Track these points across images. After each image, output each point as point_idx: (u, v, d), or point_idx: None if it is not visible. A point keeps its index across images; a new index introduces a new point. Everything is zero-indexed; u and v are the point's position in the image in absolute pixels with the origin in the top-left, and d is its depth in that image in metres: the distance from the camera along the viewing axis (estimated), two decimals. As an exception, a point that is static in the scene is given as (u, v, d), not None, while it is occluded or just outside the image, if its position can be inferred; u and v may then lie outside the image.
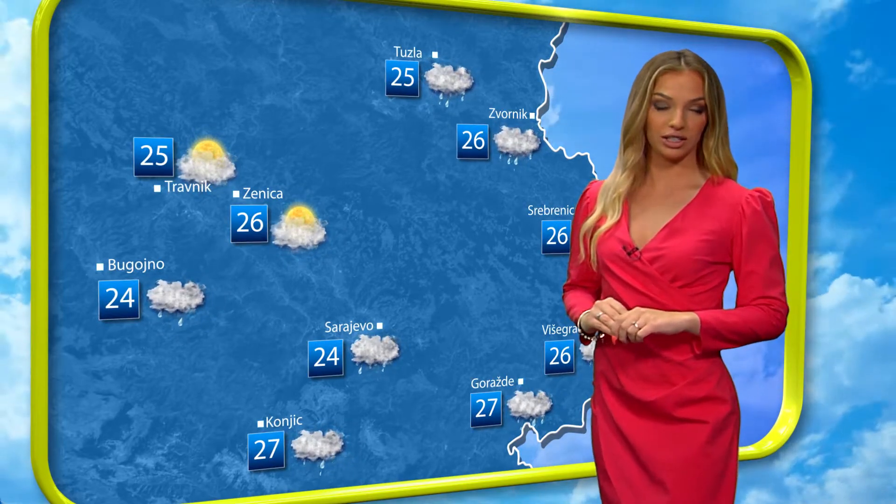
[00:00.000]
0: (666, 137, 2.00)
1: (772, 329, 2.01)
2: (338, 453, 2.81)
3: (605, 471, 2.10)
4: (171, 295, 2.60)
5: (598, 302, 2.03)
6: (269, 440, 2.72)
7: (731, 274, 2.07)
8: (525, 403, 3.02)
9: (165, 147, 2.58)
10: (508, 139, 2.96)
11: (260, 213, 2.68)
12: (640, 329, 1.93)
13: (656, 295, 2.00)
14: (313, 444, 2.77)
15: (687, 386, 2.00)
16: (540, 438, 3.05)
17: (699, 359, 2.01)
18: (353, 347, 2.81)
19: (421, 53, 2.85)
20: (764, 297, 2.00)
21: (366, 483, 2.84)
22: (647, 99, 2.00)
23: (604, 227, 2.08)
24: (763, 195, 2.02)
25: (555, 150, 3.03)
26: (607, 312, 1.99)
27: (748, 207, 1.99)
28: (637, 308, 1.97)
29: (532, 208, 3.00)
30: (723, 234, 2.00)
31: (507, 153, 2.97)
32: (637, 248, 2.02)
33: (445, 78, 2.88)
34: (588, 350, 3.07)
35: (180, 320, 2.62)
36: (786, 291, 2.03)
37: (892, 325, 3.53)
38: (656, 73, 2.00)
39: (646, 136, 2.04)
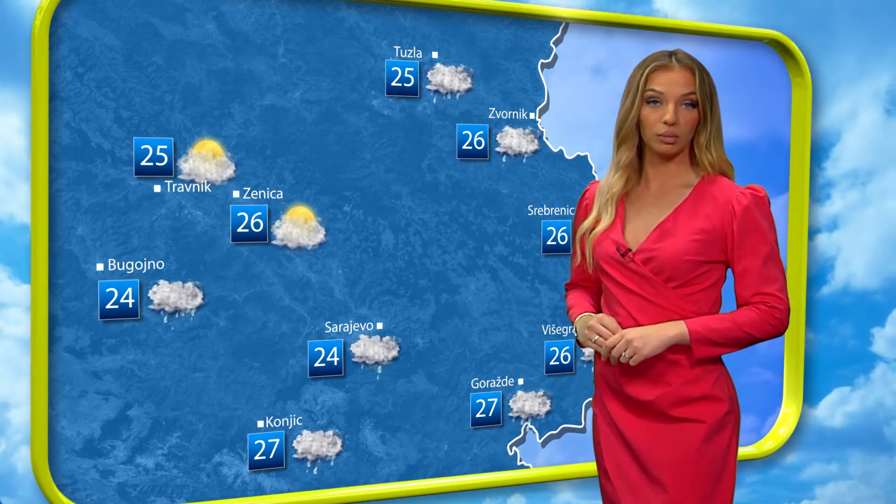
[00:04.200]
0: (660, 134, 2.00)
1: (770, 329, 2.00)
2: (338, 453, 2.81)
3: (605, 469, 2.11)
4: (171, 295, 2.60)
5: (590, 324, 2.04)
6: (269, 440, 2.72)
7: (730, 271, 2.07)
8: (525, 403, 3.02)
9: (165, 147, 2.58)
10: (509, 139, 2.96)
11: (260, 213, 2.68)
12: (630, 359, 1.96)
13: (651, 296, 2.00)
14: (313, 443, 2.77)
15: (683, 385, 2.00)
16: (540, 438, 3.05)
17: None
18: (353, 347, 2.81)
19: (421, 53, 2.85)
20: (759, 294, 1.99)
21: (366, 483, 2.84)
22: (639, 96, 2.02)
23: (598, 228, 2.08)
24: (754, 191, 2.01)
25: (555, 150, 3.03)
26: (599, 334, 2.01)
27: (738, 205, 1.98)
28: (626, 333, 1.97)
29: (532, 208, 3.00)
30: (714, 233, 1.99)
31: (507, 153, 2.97)
32: (630, 250, 2.02)
33: (445, 78, 2.88)
34: (587, 350, 3.07)
35: (180, 320, 2.62)
36: (785, 288, 2.01)
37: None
38: (648, 70, 2.01)
39: (640, 135, 2.05)
